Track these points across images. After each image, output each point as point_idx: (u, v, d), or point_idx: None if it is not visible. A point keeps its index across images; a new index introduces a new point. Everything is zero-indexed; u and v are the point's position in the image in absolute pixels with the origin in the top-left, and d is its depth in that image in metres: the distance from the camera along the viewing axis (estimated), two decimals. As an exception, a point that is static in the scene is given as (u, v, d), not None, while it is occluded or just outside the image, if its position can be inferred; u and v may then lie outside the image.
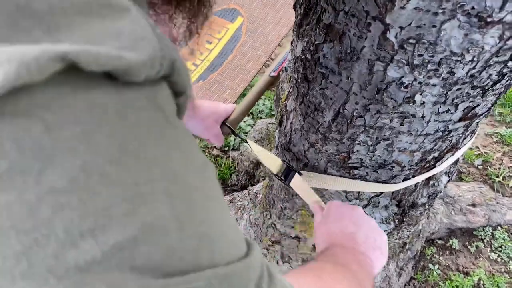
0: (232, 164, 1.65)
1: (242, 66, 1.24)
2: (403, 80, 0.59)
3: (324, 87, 0.70)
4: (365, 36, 0.56)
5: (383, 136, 0.71)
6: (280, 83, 1.03)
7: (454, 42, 0.52)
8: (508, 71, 0.59)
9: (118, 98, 0.22)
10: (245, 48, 1.29)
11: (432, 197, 0.97)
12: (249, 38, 1.31)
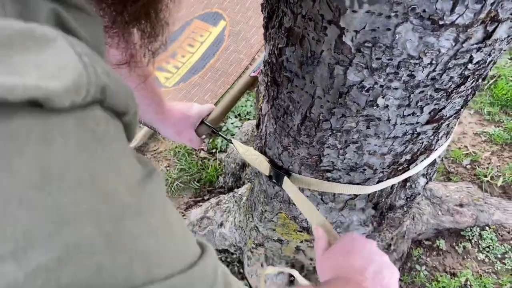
0: (219, 166, 1.65)
1: (224, 70, 1.23)
2: (363, 84, 0.58)
3: (291, 90, 0.69)
4: (323, 40, 0.55)
5: (352, 139, 0.71)
6: (258, 85, 1.03)
7: (410, 45, 0.51)
8: (470, 73, 0.58)
9: (42, 124, 0.22)
10: (228, 52, 1.28)
11: (410, 199, 0.97)
12: (232, 42, 1.30)
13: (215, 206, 1.50)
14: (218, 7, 1.39)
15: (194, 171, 1.66)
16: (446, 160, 1.65)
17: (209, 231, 1.46)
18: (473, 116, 1.77)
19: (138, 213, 0.26)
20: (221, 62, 1.26)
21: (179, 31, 1.36)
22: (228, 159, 1.60)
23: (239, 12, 1.36)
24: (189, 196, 1.62)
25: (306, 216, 0.83)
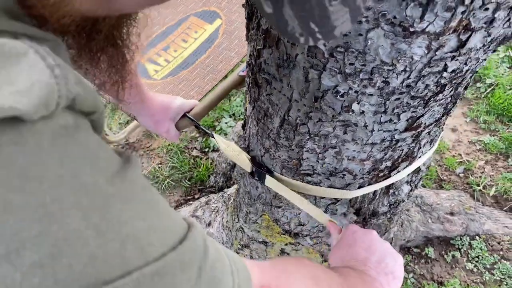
0: (211, 166, 1.65)
1: (214, 66, 1.23)
2: (338, 89, 0.58)
3: (270, 93, 0.69)
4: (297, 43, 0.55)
5: (330, 144, 0.70)
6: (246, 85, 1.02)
7: (382, 51, 0.50)
8: (447, 82, 0.57)
9: (12, 130, 0.23)
10: (220, 49, 1.28)
11: (393, 206, 0.96)
12: (225, 40, 1.30)
13: (204, 205, 1.50)
14: (216, 6, 1.39)
15: (185, 170, 1.66)
16: (439, 168, 1.64)
17: (197, 230, 1.46)
18: (468, 124, 1.76)
19: (122, 200, 0.27)
20: (212, 59, 1.25)
21: (174, 25, 1.36)
22: (220, 159, 1.59)
23: (236, 12, 1.35)
24: (179, 195, 1.62)
25: (302, 208, 0.83)
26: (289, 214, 0.95)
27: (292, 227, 0.99)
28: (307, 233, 0.99)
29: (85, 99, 0.28)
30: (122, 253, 0.25)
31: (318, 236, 0.99)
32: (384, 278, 0.65)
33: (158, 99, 0.92)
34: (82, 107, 0.28)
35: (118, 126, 1.81)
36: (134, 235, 0.26)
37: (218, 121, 1.79)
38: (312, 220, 0.94)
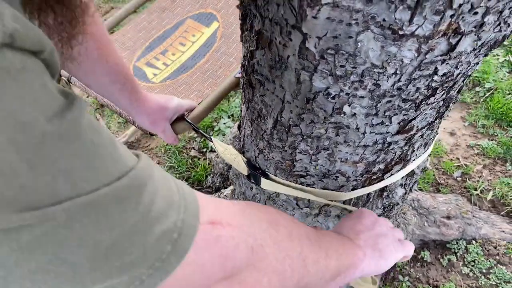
0: (209, 166, 1.65)
1: (213, 71, 1.23)
2: (329, 91, 0.58)
3: (263, 94, 0.69)
4: (288, 44, 0.55)
5: (323, 146, 0.70)
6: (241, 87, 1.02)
7: (373, 54, 0.51)
8: (438, 85, 0.57)
9: None
10: (218, 54, 1.28)
11: (387, 208, 0.96)
12: (223, 44, 1.30)
13: (201, 205, 1.50)
14: (212, 8, 1.39)
15: (183, 170, 1.66)
16: (437, 171, 1.64)
17: (194, 230, 1.46)
18: (467, 128, 1.76)
19: (60, 138, 0.28)
20: (211, 63, 1.25)
21: (172, 29, 1.36)
22: (217, 159, 1.60)
23: (233, 14, 1.35)
24: (177, 194, 1.62)
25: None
26: (283, 215, 0.95)
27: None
28: (301, 235, 0.99)
29: (25, 36, 0.27)
30: (53, 186, 0.27)
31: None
32: (370, 251, 0.63)
33: (154, 98, 0.92)
34: (23, 45, 0.27)
35: (117, 125, 1.81)
36: (67, 170, 0.28)
37: (217, 122, 1.79)
38: (306, 221, 0.95)
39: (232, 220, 0.41)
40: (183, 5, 1.43)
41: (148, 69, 1.26)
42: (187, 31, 1.35)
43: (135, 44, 1.33)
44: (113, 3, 2.34)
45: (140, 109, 0.90)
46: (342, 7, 0.46)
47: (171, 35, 1.34)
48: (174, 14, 1.40)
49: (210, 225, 0.38)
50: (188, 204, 0.36)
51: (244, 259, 0.41)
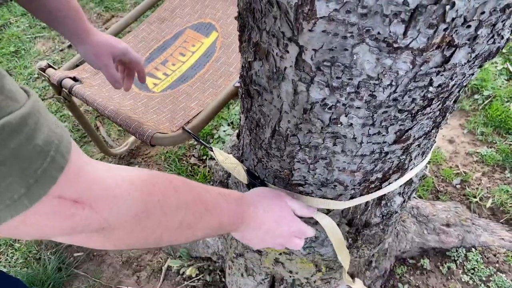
0: (209, 174, 1.65)
1: (214, 81, 1.24)
2: (326, 102, 0.58)
3: (261, 104, 0.70)
4: (285, 56, 0.56)
5: (321, 155, 0.71)
6: (240, 96, 1.03)
7: (368, 66, 0.51)
8: (434, 96, 0.58)
9: None
10: (218, 63, 1.29)
11: (386, 217, 0.96)
12: (223, 54, 1.31)
13: (201, 213, 1.50)
14: (211, 18, 1.40)
15: (183, 177, 1.67)
16: (436, 179, 1.64)
17: (193, 238, 1.47)
18: (466, 136, 1.76)
19: None
20: (211, 73, 1.26)
21: (171, 39, 1.38)
22: (217, 167, 1.60)
23: (231, 24, 1.37)
24: (176, 202, 1.62)
25: None
26: (282, 223, 0.95)
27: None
28: (299, 243, 0.99)
29: None
30: None
31: (311, 246, 0.99)
32: (270, 223, 0.72)
33: (102, 34, 0.95)
34: None
35: (118, 133, 1.82)
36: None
37: (217, 129, 1.80)
38: (305, 230, 0.95)
39: (96, 204, 0.42)
40: (182, 15, 1.44)
41: (149, 79, 1.27)
42: (186, 41, 1.36)
43: None
44: (113, 11, 2.36)
45: (84, 40, 0.91)
46: (337, 21, 0.47)
47: (171, 46, 1.36)
48: (173, 25, 1.41)
49: (72, 202, 0.40)
50: (63, 146, 0.38)
51: (94, 231, 0.44)
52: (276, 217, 0.74)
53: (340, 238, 0.90)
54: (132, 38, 1.39)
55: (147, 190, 0.48)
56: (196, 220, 0.56)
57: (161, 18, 1.44)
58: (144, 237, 0.50)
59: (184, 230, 0.55)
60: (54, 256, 1.49)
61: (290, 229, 0.75)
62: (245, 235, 0.72)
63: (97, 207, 0.42)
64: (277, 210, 0.74)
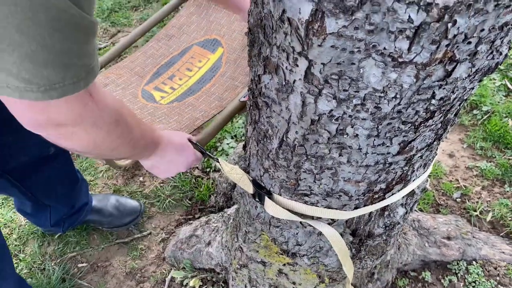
0: (212, 186, 1.67)
1: (219, 94, 1.27)
2: (333, 113, 0.61)
3: (269, 115, 0.72)
4: (295, 70, 0.59)
5: (326, 165, 0.73)
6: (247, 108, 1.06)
7: (374, 79, 0.54)
8: (436, 108, 0.61)
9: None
10: (224, 78, 1.32)
11: (389, 228, 0.98)
12: (228, 69, 1.34)
13: (204, 224, 1.52)
14: (216, 34, 1.44)
15: (187, 189, 1.69)
16: (437, 192, 1.66)
17: (197, 249, 1.48)
18: (465, 150, 1.79)
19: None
20: (217, 87, 1.29)
21: (178, 55, 1.41)
22: (221, 179, 1.62)
23: (236, 39, 1.40)
24: (180, 214, 1.64)
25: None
26: (287, 233, 0.97)
27: (290, 247, 1.01)
28: (304, 253, 1.01)
29: None
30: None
31: (315, 256, 1.01)
32: (172, 152, 0.94)
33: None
34: None
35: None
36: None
37: (220, 142, 1.83)
38: (309, 240, 0.97)
39: (101, 104, 0.63)
40: (188, 32, 1.48)
41: (156, 92, 1.30)
42: (193, 57, 1.39)
43: (144, 70, 1.38)
44: (119, 26, 2.41)
45: (243, 8, 1.19)
46: (345, 37, 0.50)
47: (178, 61, 1.39)
48: (180, 41, 1.45)
49: (90, 97, 0.60)
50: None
51: (88, 124, 0.63)
52: (178, 147, 0.95)
53: (344, 248, 0.92)
54: (140, 55, 1.42)
55: (121, 111, 0.71)
56: (132, 135, 0.77)
57: (168, 35, 1.48)
58: (110, 140, 0.70)
59: (124, 139, 0.74)
60: (58, 267, 1.49)
61: (187, 157, 0.97)
62: (154, 163, 0.93)
63: (100, 106, 0.63)
64: (177, 140, 0.96)
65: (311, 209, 0.85)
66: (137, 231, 1.59)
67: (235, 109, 1.16)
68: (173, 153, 0.96)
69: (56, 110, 0.57)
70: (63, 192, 1.34)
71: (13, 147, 1.07)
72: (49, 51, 0.49)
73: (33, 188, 1.22)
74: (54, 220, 1.41)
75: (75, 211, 1.45)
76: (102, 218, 1.56)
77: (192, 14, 1.52)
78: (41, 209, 1.34)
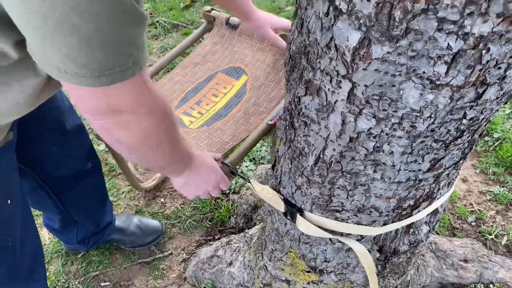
0: (232, 207, 1.72)
1: (246, 119, 1.33)
2: (371, 131, 0.67)
3: (307, 134, 0.78)
4: (337, 91, 0.65)
5: (360, 182, 0.78)
6: (276, 130, 1.12)
7: (412, 100, 0.60)
8: (466, 128, 0.66)
9: None
10: (249, 103, 1.38)
11: (413, 245, 1.02)
12: (253, 95, 1.41)
13: (225, 245, 1.55)
14: (240, 63, 1.52)
15: (207, 210, 1.73)
16: (452, 216, 1.70)
17: (218, 269, 1.51)
18: (478, 175, 1.83)
19: None
20: (243, 112, 1.36)
21: (204, 82, 1.49)
22: (241, 200, 1.67)
23: (259, 68, 1.48)
24: (200, 235, 1.68)
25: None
26: (316, 250, 1.01)
27: (318, 263, 1.05)
28: (332, 270, 1.04)
29: None
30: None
31: (342, 272, 1.04)
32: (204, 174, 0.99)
33: (263, 13, 1.31)
34: None
35: (145, 167, 1.90)
36: None
37: (239, 165, 1.88)
38: (337, 256, 1.00)
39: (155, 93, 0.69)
40: (213, 60, 1.56)
41: (185, 117, 1.36)
42: (218, 83, 1.47)
43: (172, 96, 1.45)
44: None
45: (250, 17, 1.28)
46: (389, 61, 0.56)
47: (204, 87, 1.46)
48: (205, 69, 1.53)
49: (148, 89, 0.66)
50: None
51: (141, 113, 0.68)
52: (209, 165, 1.01)
53: (372, 264, 0.96)
54: (167, 81, 1.50)
55: (167, 104, 0.76)
56: (175, 133, 0.82)
57: (194, 62, 1.56)
58: (159, 132, 0.75)
59: (169, 134, 0.79)
60: (82, 286, 1.52)
61: (217, 177, 1.03)
62: (187, 180, 0.98)
63: (153, 94, 0.68)
64: (209, 159, 1.02)
65: (342, 225, 0.90)
66: (159, 251, 1.63)
67: (263, 132, 1.22)
68: (205, 171, 1.00)
69: (116, 95, 0.61)
70: (93, 208, 1.39)
71: (58, 158, 1.13)
72: (104, 35, 0.53)
73: (67, 203, 1.27)
74: (80, 237, 1.45)
75: (100, 229, 1.49)
76: (125, 237, 1.60)
77: (216, 44, 1.61)
78: (69, 225, 1.39)
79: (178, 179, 0.99)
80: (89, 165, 1.25)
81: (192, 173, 0.97)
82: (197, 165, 0.97)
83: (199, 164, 0.98)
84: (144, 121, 0.69)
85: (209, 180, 1.02)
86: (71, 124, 1.15)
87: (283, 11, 2.86)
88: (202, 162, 0.99)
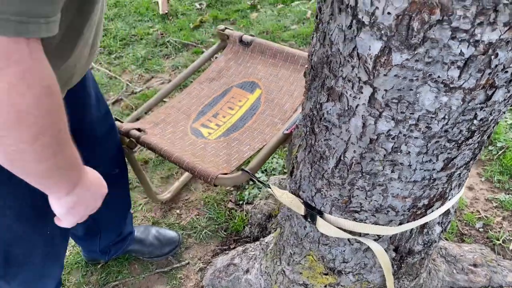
0: (246, 217, 1.77)
1: (261, 130, 1.40)
2: (390, 132, 0.73)
3: (328, 138, 0.84)
4: (359, 96, 0.71)
5: (378, 182, 0.84)
6: (292, 139, 1.18)
7: (428, 102, 0.66)
8: (476, 128, 0.73)
9: None
10: (264, 115, 1.46)
11: (427, 245, 1.07)
12: (267, 108, 1.48)
13: (242, 253, 1.60)
14: (254, 77, 1.60)
15: (222, 221, 1.78)
16: (460, 223, 1.74)
17: (235, 277, 1.55)
18: (484, 183, 1.89)
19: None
20: (258, 123, 1.43)
21: (220, 96, 1.56)
22: (255, 210, 1.72)
23: (272, 82, 1.55)
24: (216, 244, 1.72)
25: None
26: (335, 251, 1.06)
27: (337, 264, 1.10)
28: (350, 270, 1.09)
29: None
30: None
31: (360, 273, 1.09)
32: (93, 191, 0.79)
33: None
34: None
35: (160, 181, 1.96)
36: None
37: (251, 177, 1.94)
38: (355, 257, 1.05)
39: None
40: (227, 76, 1.64)
41: (204, 129, 1.43)
42: (233, 97, 1.54)
43: (190, 109, 1.52)
44: (153, 73, 2.60)
45: None
46: (407, 67, 0.62)
47: (220, 101, 1.54)
48: (221, 84, 1.61)
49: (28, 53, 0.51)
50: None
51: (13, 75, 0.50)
52: (95, 176, 0.82)
53: (389, 263, 1.01)
54: (185, 96, 1.58)
55: (56, 83, 0.58)
56: (63, 123, 0.62)
57: (209, 78, 1.64)
58: (37, 115, 0.55)
59: (54, 122, 0.59)
60: (102, 295, 1.56)
61: (102, 190, 0.83)
62: (80, 197, 0.75)
63: (34, 57, 0.52)
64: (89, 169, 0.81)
65: (360, 225, 0.95)
66: (176, 261, 1.67)
67: (279, 141, 1.29)
68: (95, 184, 0.81)
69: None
70: (117, 216, 1.44)
71: (89, 163, 1.14)
72: None
73: None
74: (102, 246, 1.50)
75: (121, 238, 1.54)
76: (143, 248, 1.65)
77: (230, 60, 1.69)
78: (92, 233, 1.43)
79: (66, 199, 0.73)
80: (116, 171, 1.28)
81: (84, 189, 0.76)
82: (90, 177, 0.78)
83: (91, 176, 0.80)
84: (16, 89, 0.50)
85: (99, 195, 0.83)
86: (104, 124, 1.17)
87: (289, 30, 2.96)
88: (92, 173, 0.81)
